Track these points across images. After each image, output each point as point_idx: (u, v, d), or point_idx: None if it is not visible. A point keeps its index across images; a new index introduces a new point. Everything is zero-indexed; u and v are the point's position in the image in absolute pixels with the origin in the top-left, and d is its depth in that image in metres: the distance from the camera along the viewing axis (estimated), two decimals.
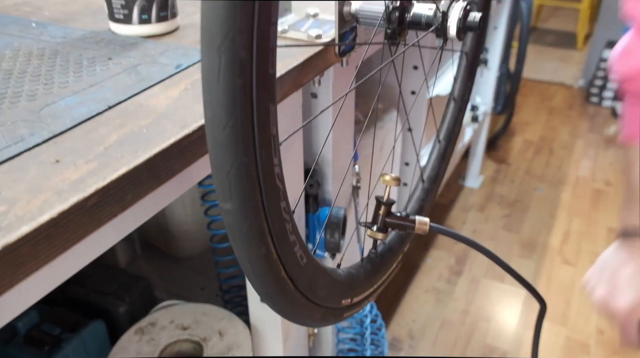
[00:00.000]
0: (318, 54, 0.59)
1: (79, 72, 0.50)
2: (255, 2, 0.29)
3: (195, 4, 0.74)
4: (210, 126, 0.31)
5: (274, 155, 0.34)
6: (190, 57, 0.54)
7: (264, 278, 0.38)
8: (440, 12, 0.52)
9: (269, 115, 0.32)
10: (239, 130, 0.30)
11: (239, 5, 0.28)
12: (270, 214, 0.35)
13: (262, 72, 0.31)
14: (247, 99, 0.30)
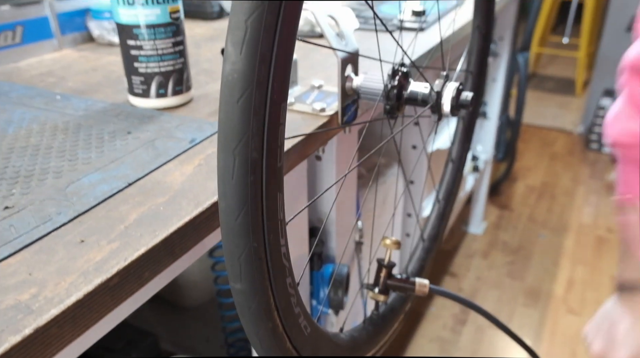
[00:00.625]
0: (322, 126, 0.63)
1: (100, 147, 0.54)
2: (266, 109, 0.33)
3: (208, 74, 0.79)
4: (224, 216, 0.34)
5: (280, 237, 0.37)
6: (203, 131, 0.59)
7: (271, 350, 0.40)
8: (435, 92, 0.57)
9: (277, 202, 0.36)
10: (250, 220, 0.34)
11: (252, 113, 0.32)
12: (277, 291, 0.38)
13: (271, 167, 0.34)
14: (258, 192, 0.34)
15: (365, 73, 0.63)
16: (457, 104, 0.57)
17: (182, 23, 0.64)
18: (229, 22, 0.31)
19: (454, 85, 0.57)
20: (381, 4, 1.26)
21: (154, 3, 0.60)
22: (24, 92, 0.70)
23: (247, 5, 0.30)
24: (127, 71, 0.64)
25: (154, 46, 0.62)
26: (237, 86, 0.31)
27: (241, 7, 0.31)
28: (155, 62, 0.63)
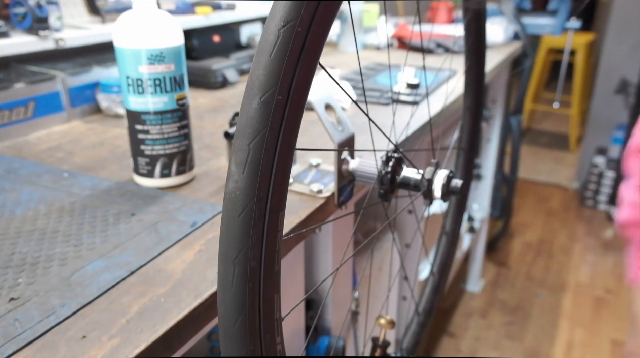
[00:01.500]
0: (319, 208, 0.65)
1: (105, 231, 0.56)
2: (265, 220, 0.35)
3: (210, 150, 0.82)
4: (222, 321, 0.36)
5: (276, 335, 0.39)
6: (204, 214, 0.61)
7: None
8: (426, 179, 0.60)
9: (274, 304, 0.38)
10: (247, 325, 0.36)
11: (252, 225, 0.34)
12: None
13: (269, 272, 0.36)
14: (255, 298, 0.36)
15: (360, 157, 0.66)
16: (447, 191, 0.60)
17: (188, 107, 0.68)
18: (233, 143, 0.34)
19: (444, 172, 0.60)
20: (377, 75, 1.32)
21: (162, 92, 0.64)
22: (33, 169, 0.73)
23: (250, 130, 0.33)
24: (134, 152, 0.67)
25: (160, 130, 0.65)
26: (239, 202, 0.34)
27: (244, 131, 0.34)
28: (161, 145, 0.66)
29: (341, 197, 0.67)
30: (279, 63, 0.34)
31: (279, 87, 0.34)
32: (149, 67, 0.62)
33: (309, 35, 0.34)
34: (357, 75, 1.30)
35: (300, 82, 0.35)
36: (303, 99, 0.36)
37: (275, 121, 0.34)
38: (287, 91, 0.34)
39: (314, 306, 0.81)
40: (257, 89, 0.34)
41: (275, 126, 0.34)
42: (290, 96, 0.34)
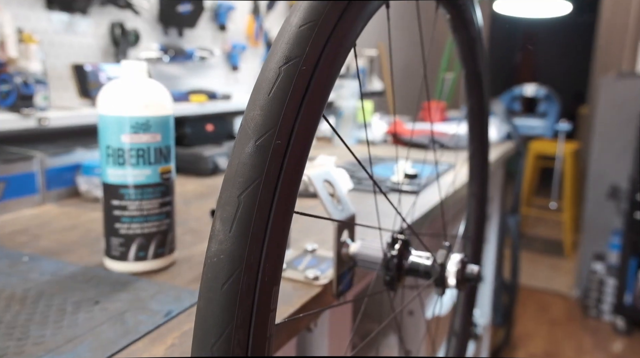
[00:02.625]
0: (315, 297, 0.56)
1: (59, 321, 0.47)
2: (255, 296, 0.27)
3: (195, 234, 0.74)
4: None
5: None
6: (181, 302, 0.52)
7: None
8: (438, 264, 0.52)
9: None
10: None
11: (238, 301, 0.26)
12: None
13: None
14: None
15: (362, 239, 0.58)
16: (462, 278, 0.52)
17: (173, 182, 0.62)
18: (219, 197, 0.28)
19: (458, 257, 0.53)
20: (373, 167, 1.28)
21: (145, 163, 0.58)
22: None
23: (241, 179, 0.27)
24: (107, 231, 0.59)
25: (139, 206, 0.58)
26: (224, 269, 0.26)
27: (234, 180, 0.27)
28: (139, 223, 0.58)
29: (340, 285, 0.58)
30: (279, 103, 0.28)
31: (278, 130, 0.28)
32: (132, 137, 0.57)
33: (315, 75, 0.29)
34: (353, 166, 1.27)
35: (304, 127, 0.29)
36: (307, 147, 0.29)
37: (273, 169, 0.27)
38: (288, 135, 0.28)
39: None
40: (252, 131, 0.28)
41: (273, 175, 0.27)
42: (292, 142, 0.28)
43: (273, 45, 0.30)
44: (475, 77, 0.68)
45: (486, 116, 0.77)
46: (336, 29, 0.30)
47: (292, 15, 0.30)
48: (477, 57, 0.65)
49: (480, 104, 0.75)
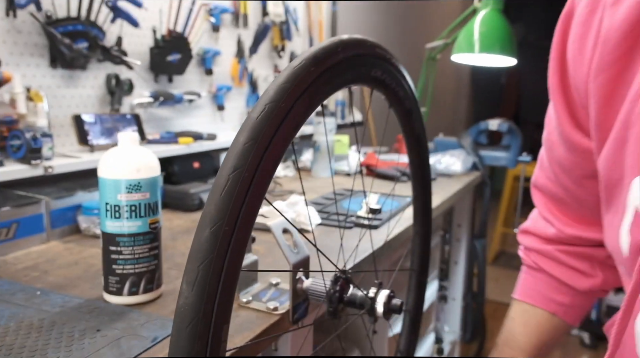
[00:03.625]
0: (274, 324, 0.70)
1: (69, 345, 0.60)
2: (209, 334, 0.41)
3: (180, 269, 0.88)
4: None
5: None
6: (166, 329, 0.65)
7: None
8: (369, 298, 0.66)
9: None
10: None
11: (197, 338, 0.40)
12: None
13: None
14: None
15: (314, 277, 0.72)
16: (388, 309, 0.66)
17: (160, 230, 0.76)
18: (186, 266, 0.41)
19: (386, 292, 0.67)
20: (344, 200, 1.43)
21: (137, 216, 0.72)
22: (7, 287, 0.77)
23: (200, 255, 0.41)
24: (105, 271, 0.73)
25: (132, 251, 0.72)
26: (187, 316, 0.40)
27: (196, 255, 0.41)
28: (132, 264, 0.72)
29: (296, 314, 0.72)
30: (227, 202, 0.42)
31: (226, 221, 0.42)
32: (127, 196, 0.71)
33: (254, 179, 0.43)
34: (326, 200, 1.41)
35: (245, 217, 0.43)
36: (248, 230, 0.43)
37: (222, 248, 0.41)
38: (234, 224, 0.42)
39: None
40: (207, 221, 0.42)
41: (222, 252, 0.41)
42: (236, 228, 0.42)
43: (226, 154, 0.44)
44: (415, 139, 0.83)
45: (427, 167, 0.91)
46: (271, 144, 0.44)
47: (240, 134, 0.44)
48: (415, 124, 0.80)
49: (421, 158, 0.89)
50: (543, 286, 0.74)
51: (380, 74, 0.63)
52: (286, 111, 0.44)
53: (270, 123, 0.44)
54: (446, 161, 1.94)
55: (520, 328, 0.74)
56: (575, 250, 0.71)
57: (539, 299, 0.74)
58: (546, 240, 0.74)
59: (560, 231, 0.72)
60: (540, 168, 0.76)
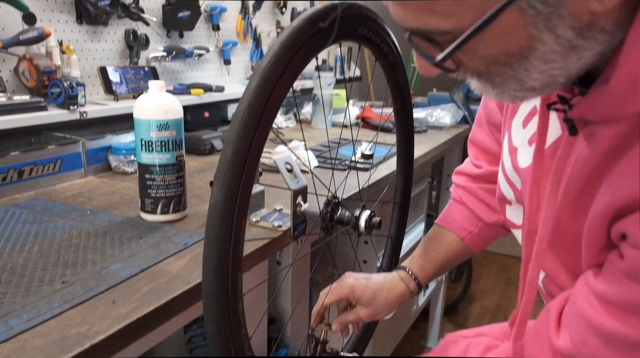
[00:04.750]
0: (278, 238, 0.88)
1: (121, 247, 0.79)
2: (233, 226, 0.58)
3: (198, 198, 1.05)
4: (204, 284, 0.57)
5: (239, 301, 0.61)
6: (193, 238, 0.83)
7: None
8: (354, 217, 0.84)
9: (238, 285, 0.60)
10: (219, 286, 0.57)
11: (226, 229, 0.57)
12: (234, 336, 0.60)
13: (235, 253, 0.59)
14: (227, 271, 0.58)
15: (310, 202, 0.90)
16: (369, 226, 0.84)
17: (184, 163, 0.92)
18: (215, 174, 0.58)
19: (367, 213, 0.84)
20: (341, 147, 1.59)
21: (166, 150, 0.89)
22: (62, 208, 0.95)
23: (225, 167, 0.57)
24: (141, 195, 0.91)
25: (163, 178, 0.89)
26: (217, 209, 0.57)
27: (222, 166, 0.57)
28: (163, 189, 0.90)
29: (295, 231, 0.90)
30: (244, 129, 0.58)
31: (244, 143, 0.58)
32: (158, 133, 0.88)
33: (264, 113, 0.59)
34: (324, 147, 1.58)
35: (258, 141, 0.59)
36: (260, 150, 0.60)
37: (241, 162, 0.58)
38: (248, 146, 0.58)
39: (275, 322, 1.02)
40: (230, 143, 0.58)
41: (241, 165, 0.58)
42: (251, 148, 0.59)
43: (242, 96, 0.60)
44: (399, 89, 0.98)
45: (410, 115, 1.07)
46: (277, 86, 0.60)
47: (252, 79, 0.60)
48: (398, 76, 0.95)
49: (404, 106, 1.04)
50: (460, 216, 0.89)
51: (367, 32, 0.78)
52: (287, 61, 0.59)
53: (275, 70, 0.59)
54: (437, 115, 2.09)
55: (434, 245, 0.89)
56: (494, 188, 0.83)
57: (455, 225, 0.89)
58: (472, 178, 0.89)
59: (486, 169, 0.86)
60: (478, 124, 0.90)
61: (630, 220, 0.42)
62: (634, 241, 0.43)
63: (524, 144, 0.63)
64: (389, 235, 1.10)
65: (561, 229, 0.54)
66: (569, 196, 0.51)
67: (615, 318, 0.45)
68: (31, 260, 0.73)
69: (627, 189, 0.42)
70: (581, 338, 0.48)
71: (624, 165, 0.43)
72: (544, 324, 0.55)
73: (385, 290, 0.84)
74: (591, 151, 0.47)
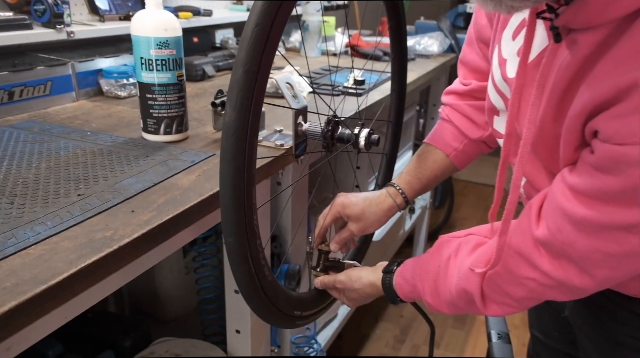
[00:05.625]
0: (281, 157, 0.90)
1: (130, 164, 0.80)
2: (247, 140, 0.59)
3: (197, 121, 1.06)
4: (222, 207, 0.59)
5: (254, 214, 0.63)
6: (199, 156, 0.85)
7: (246, 284, 0.65)
8: (354, 134, 0.86)
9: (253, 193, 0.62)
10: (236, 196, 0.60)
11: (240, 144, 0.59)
12: (251, 246, 0.63)
13: (249, 169, 0.61)
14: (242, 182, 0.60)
15: (311, 121, 0.91)
16: (368, 142, 0.86)
17: (185, 82, 0.92)
18: (227, 94, 0.58)
19: (366, 131, 0.86)
20: (332, 74, 1.59)
21: (167, 69, 0.88)
22: (61, 129, 0.95)
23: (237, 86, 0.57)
24: (143, 114, 0.91)
25: (165, 98, 0.89)
26: (232, 128, 0.57)
27: (234, 85, 0.57)
28: (165, 109, 0.90)
29: (297, 150, 0.92)
30: (253, 48, 0.58)
31: (254, 62, 0.58)
32: (157, 51, 0.86)
33: (271, 32, 0.59)
34: (316, 74, 1.57)
35: (266, 60, 0.59)
36: (268, 71, 0.60)
37: (252, 81, 0.58)
38: (258, 65, 0.58)
39: (277, 239, 1.06)
40: (240, 63, 0.57)
41: (252, 84, 0.58)
42: (260, 68, 0.59)
43: (250, 13, 0.59)
44: (394, 7, 0.98)
45: (404, 33, 1.06)
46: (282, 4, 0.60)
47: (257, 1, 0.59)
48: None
49: (398, 24, 1.04)
50: (446, 133, 0.92)
51: None
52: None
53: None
54: (424, 43, 2.08)
55: (422, 162, 0.93)
56: (481, 104, 0.86)
57: (441, 143, 0.92)
58: (461, 95, 0.91)
59: (475, 85, 0.88)
60: (468, 44, 0.91)
61: (602, 117, 0.48)
62: (604, 135, 0.48)
63: (513, 56, 0.66)
64: (384, 152, 1.13)
65: (544, 133, 0.59)
66: (552, 101, 0.55)
67: (585, 205, 0.51)
68: (41, 176, 0.74)
69: (601, 90, 0.47)
70: (557, 226, 0.55)
71: (600, 68, 0.48)
72: (527, 218, 0.60)
73: (374, 205, 0.88)
74: (572, 57, 0.51)
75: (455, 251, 0.72)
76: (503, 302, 0.65)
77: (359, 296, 0.84)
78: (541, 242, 0.57)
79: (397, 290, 0.79)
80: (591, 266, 0.55)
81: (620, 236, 0.50)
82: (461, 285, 0.67)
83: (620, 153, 0.46)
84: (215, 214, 0.74)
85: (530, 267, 0.59)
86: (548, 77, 0.55)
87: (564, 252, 0.55)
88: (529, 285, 0.61)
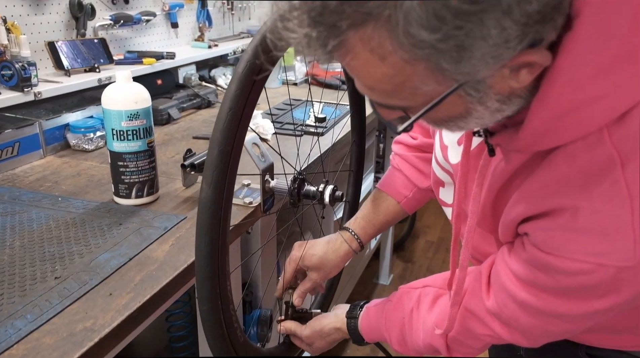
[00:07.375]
0: (250, 214, 0.95)
1: (103, 235, 0.83)
2: (221, 215, 0.65)
3: (167, 176, 1.09)
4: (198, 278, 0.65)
5: (227, 280, 0.68)
6: (171, 221, 0.89)
7: (219, 348, 0.70)
8: (319, 191, 0.92)
9: (227, 258, 0.67)
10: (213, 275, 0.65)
11: (214, 220, 0.64)
12: (224, 311, 0.68)
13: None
14: (217, 256, 0.65)
15: (277, 178, 0.97)
16: (333, 199, 0.92)
17: (155, 147, 0.96)
18: (204, 172, 0.64)
19: (331, 187, 0.92)
20: (294, 110, 1.64)
21: (138, 138, 0.92)
22: (31, 196, 0.97)
23: (214, 164, 0.63)
24: (115, 180, 0.94)
25: (136, 164, 0.93)
26: (207, 204, 0.63)
27: (210, 163, 0.63)
28: (136, 175, 0.93)
29: (265, 206, 0.97)
30: (227, 130, 0.63)
31: (227, 143, 0.63)
32: (128, 123, 0.90)
33: (244, 113, 0.65)
34: (278, 110, 1.62)
35: (239, 140, 0.65)
36: (240, 148, 0.66)
37: (226, 160, 0.64)
38: (232, 145, 0.64)
39: (249, 287, 1.11)
40: (216, 143, 0.63)
41: (226, 163, 0.64)
42: (234, 147, 0.64)
43: (224, 98, 0.64)
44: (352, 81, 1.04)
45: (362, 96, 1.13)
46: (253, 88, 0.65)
47: (231, 84, 0.65)
48: None
49: None
50: (397, 181, 0.99)
51: None
52: (260, 66, 0.64)
53: (250, 75, 0.64)
54: None
55: (375, 208, 0.99)
56: (428, 156, 0.94)
57: (392, 191, 0.99)
58: (409, 147, 0.99)
59: (421, 141, 0.96)
60: None
61: (531, 225, 0.56)
62: (533, 239, 0.56)
63: (454, 144, 0.74)
64: (346, 199, 1.19)
65: (486, 218, 0.67)
66: (489, 198, 0.64)
67: (525, 290, 0.59)
68: (16, 257, 0.77)
69: (529, 206, 0.55)
70: (503, 302, 0.63)
71: (527, 186, 0.56)
72: (478, 284, 0.67)
73: (331, 253, 0.93)
74: (505, 166, 0.60)
75: (416, 304, 0.79)
76: (466, 351, 0.73)
77: (326, 343, 0.90)
78: (491, 312, 0.65)
79: (362, 334, 0.85)
80: (534, 337, 0.63)
81: (556, 322, 0.58)
82: (428, 340, 0.74)
83: (546, 260, 0.54)
84: (190, 282, 0.79)
85: (485, 327, 0.67)
86: (485, 176, 0.62)
87: (511, 323, 0.63)
88: (486, 340, 0.69)
